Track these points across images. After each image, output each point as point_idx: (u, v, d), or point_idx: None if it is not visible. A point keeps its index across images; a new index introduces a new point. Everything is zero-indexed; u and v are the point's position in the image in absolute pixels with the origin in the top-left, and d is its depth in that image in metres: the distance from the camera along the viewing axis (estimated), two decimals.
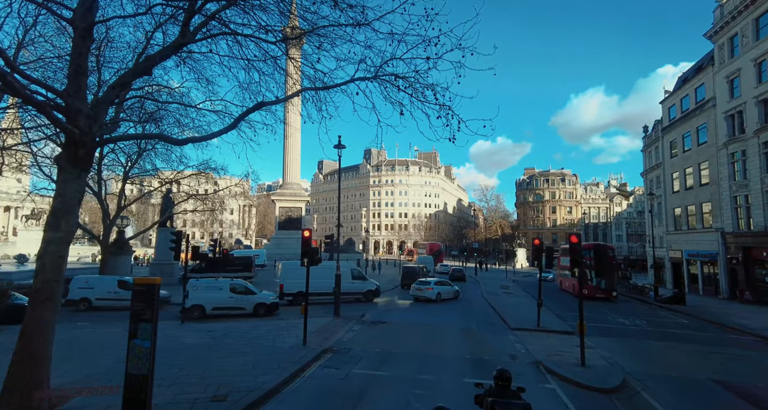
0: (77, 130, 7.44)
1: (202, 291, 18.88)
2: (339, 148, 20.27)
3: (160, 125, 14.50)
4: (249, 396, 8.53)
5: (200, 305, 18.53)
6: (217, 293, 19.13)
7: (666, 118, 40.01)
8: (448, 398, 8.56)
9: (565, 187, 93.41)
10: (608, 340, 16.18)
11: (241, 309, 19.20)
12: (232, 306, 19.15)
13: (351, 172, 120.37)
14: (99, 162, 22.43)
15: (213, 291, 19.14)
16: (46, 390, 7.42)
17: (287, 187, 58.52)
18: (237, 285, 19.93)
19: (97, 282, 20.87)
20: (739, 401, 10.11)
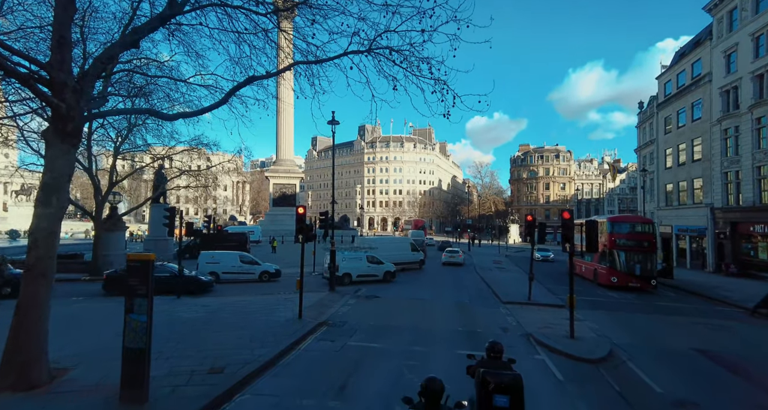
0: (64, 105, 7.27)
1: (348, 261, 23.15)
2: (333, 124, 20.06)
3: (150, 100, 14.19)
4: (246, 368, 8.72)
5: (348, 273, 22.71)
6: (358, 263, 23.51)
7: (661, 93, 39.85)
8: (441, 369, 8.80)
9: (559, 164, 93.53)
10: (597, 313, 16.60)
11: (376, 275, 23.68)
12: (370, 273, 23.58)
13: (345, 149, 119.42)
14: (88, 137, 22.03)
15: (356, 261, 23.51)
16: (44, 362, 7.54)
17: (281, 163, 58.10)
18: (372, 256, 24.48)
19: (221, 257, 23.39)
20: (717, 368, 10.52)
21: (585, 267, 27.04)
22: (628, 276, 22.51)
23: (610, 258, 22.98)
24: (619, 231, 23.22)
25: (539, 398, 7.81)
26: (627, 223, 24.05)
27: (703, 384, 9.33)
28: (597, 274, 24.50)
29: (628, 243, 22.92)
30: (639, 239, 23.08)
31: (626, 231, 23.36)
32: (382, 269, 23.94)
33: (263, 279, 23.08)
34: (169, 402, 6.94)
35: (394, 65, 8.69)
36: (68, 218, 62.73)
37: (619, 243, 22.83)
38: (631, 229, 23.49)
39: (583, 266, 27.47)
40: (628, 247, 22.81)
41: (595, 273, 24.75)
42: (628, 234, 23.24)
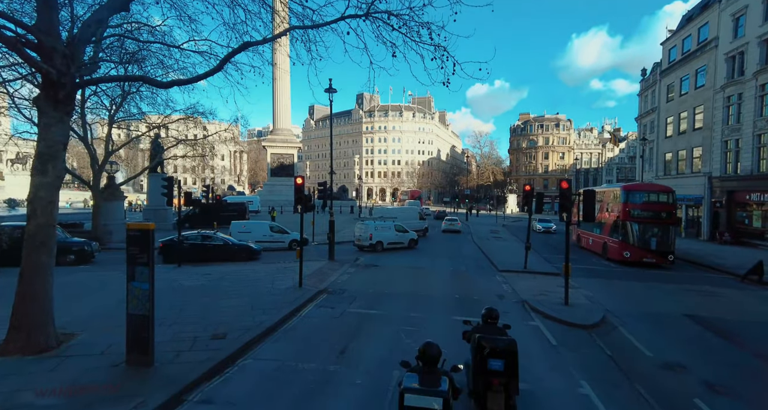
0: (54, 71, 7.09)
1: (380, 230, 24.50)
2: (330, 92, 19.67)
3: (143, 66, 13.82)
4: (247, 334, 8.94)
5: (381, 241, 24.20)
6: (388, 232, 24.95)
7: (666, 60, 39.02)
8: (438, 334, 9.04)
9: (558, 133, 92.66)
10: (592, 281, 16.91)
11: (402, 243, 25.46)
12: (397, 241, 25.13)
13: (343, 118, 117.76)
14: (81, 105, 21.63)
15: (386, 230, 24.92)
16: (51, 327, 7.72)
17: (278, 132, 57.37)
18: (399, 226, 25.96)
19: (252, 226, 24.54)
20: (707, 332, 10.85)
21: (593, 240, 25.34)
22: (642, 250, 20.68)
23: (622, 231, 21.15)
24: (635, 201, 21.14)
25: (533, 362, 8.08)
26: (643, 192, 21.76)
27: (691, 348, 9.65)
28: (607, 248, 22.84)
29: (644, 215, 20.91)
30: (657, 210, 21.11)
31: (642, 201, 21.19)
32: (407, 237, 25.93)
33: (293, 248, 23.65)
34: (174, 366, 7.16)
35: (392, 30, 8.43)
36: (66, 187, 62.55)
37: (634, 215, 20.88)
38: (647, 199, 21.35)
39: (590, 238, 25.90)
40: (644, 219, 20.87)
41: (605, 247, 23.10)
42: (644, 205, 21.10)
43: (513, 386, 5.49)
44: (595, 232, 24.91)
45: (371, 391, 6.78)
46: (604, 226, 23.28)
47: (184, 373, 6.86)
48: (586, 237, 26.59)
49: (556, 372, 7.87)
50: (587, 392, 7.06)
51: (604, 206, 23.52)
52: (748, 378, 8.11)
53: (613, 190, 23.70)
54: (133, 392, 6.15)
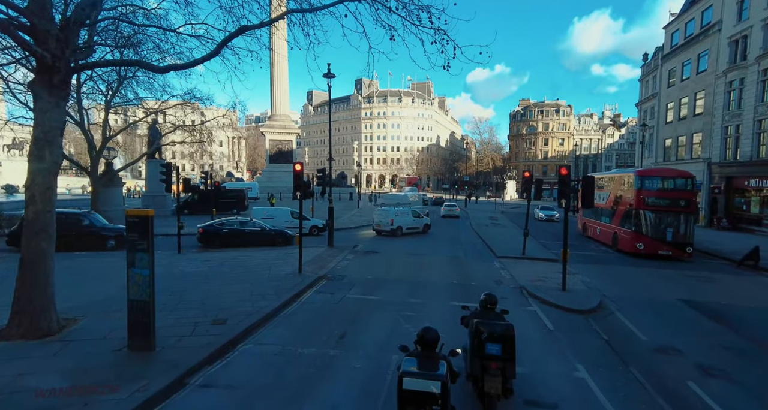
0: (48, 54, 6.99)
1: (399, 216, 25.82)
2: (328, 76, 19.48)
3: (139, 51, 13.62)
4: (248, 319, 9.02)
5: (401, 226, 25.41)
6: (407, 217, 26.19)
7: (668, 44, 38.59)
8: (436, 319, 9.14)
9: (558, 119, 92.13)
10: (590, 267, 17.02)
11: (417, 228, 26.65)
12: (414, 226, 26.40)
13: (342, 104, 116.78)
14: (77, 89, 21.39)
15: (404, 216, 26.21)
16: (53, 313, 7.79)
17: (276, 118, 56.94)
18: (415, 212, 27.71)
19: (275, 212, 25.34)
20: (702, 317, 11.00)
21: (601, 230, 23.64)
22: (657, 242, 18.98)
23: (635, 220, 19.40)
24: (650, 188, 19.46)
25: (530, 346, 8.19)
26: (660, 177, 20.07)
27: (686, 332, 9.78)
28: (617, 239, 21.07)
29: (661, 202, 19.20)
30: (675, 197, 19.20)
31: (658, 188, 19.52)
32: (422, 222, 27.21)
33: (313, 233, 24.26)
34: (176, 350, 7.24)
35: (391, 13, 8.30)
36: (64, 174, 62.27)
37: (649, 202, 19.16)
38: (664, 185, 19.62)
39: (597, 228, 24.17)
40: (660, 207, 19.15)
41: (615, 238, 21.33)
42: (660, 192, 19.39)
43: (510, 370, 5.58)
44: (604, 221, 23.42)
45: (370, 375, 6.88)
46: (615, 215, 21.85)
47: (185, 358, 6.95)
48: (593, 227, 25.04)
49: (553, 357, 7.99)
50: (583, 375, 7.17)
51: (614, 193, 22.31)
52: (741, 361, 8.23)
53: (624, 175, 22.17)
54: (135, 376, 6.23)
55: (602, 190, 23.32)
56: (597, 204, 23.25)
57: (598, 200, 23.14)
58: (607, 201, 22.75)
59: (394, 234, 24.92)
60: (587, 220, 26.34)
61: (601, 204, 23.13)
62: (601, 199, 22.95)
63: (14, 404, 5.40)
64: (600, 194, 22.81)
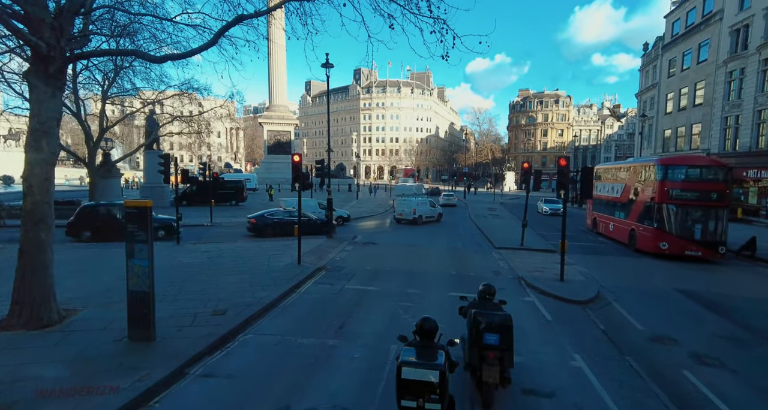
0: (43, 43, 6.92)
1: (420, 206, 27.32)
2: (327, 67, 19.34)
3: (135, 40, 13.48)
4: (248, 310, 9.07)
5: (421, 215, 26.87)
6: (425, 207, 27.72)
7: (669, 33, 38.34)
8: (435, 310, 9.20)
9: (558, 109, 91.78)
10: (588, 257, 17.10)
11: (433, 216, 28.17)
12: (430, 215, 27.84)
13: (340, 94, 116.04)
14: (73, 79, 21.21)
15: (424, 205, 27.76)
16: (53, 303, 7.82)
17: (274, 109, 56.64)
18: (432, 201, 29.57)
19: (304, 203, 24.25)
20: (698, 307, 11.10)
21: (615, 226, 21.44)
22: (684, 241, 16.68)
23: (658, 216, 17.15)
24: (675, 178, 17.24)
25: (528, 336, 8.26)
26: (687, 167, 17.64)
27: (682, 321, 9.87)
28: (635, 237, 18.85)
29: (688, 195, 16.87)
30: (705, 189, 16.83)
31: (685, 178, 17.27)
32: (437, 211, 28.94)
33: (338, 224, 24.54)
34: (176, 340, 7.29)
35: (390, 1, 8.22)
36: (62, 164, 62.00)
37: (675, 195, 16.93)
38: (692, 175, 17.30)
39: (611, 224, 21.90)
40: (688, 201, 16.86)
41: (633, 236, 19.10)
42: (688, 183, 17.09)
43: (508, 359, 5.63)
44: (618, 216, 21.07)
45: (369, 365, 6.94)
46: (632, 209, 19.46)
47: (185, 348, 6.99)
48: (605, 222, 22.73)
49: (550, 346, 8.06)
50: (580, 364, 7.25)
51: (630, 184, 19.99)
52: (736, 350, 8.32)
53: (644, 164, 19.74)
54: (136, 365, 6.28)
55: (616, 182, 21.74)
56: (609, 197, 22.15)
57: (610, 193, 22.21)
58: (621, 193, 20.69)
59: (415, 222, 26.36)
60: (598, 215, 24.07)
61: (614, 197, 21.52)
62: (614, 191, 21.57)
63: (17, 393, 5.44)
64: (613, 186, 21.71)
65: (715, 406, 6.11)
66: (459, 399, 5.40)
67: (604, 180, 23.66)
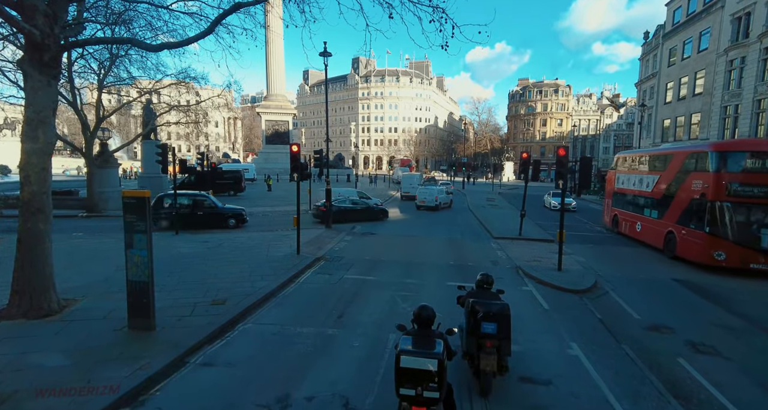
0: (37, 31, 6.82)
1: (439, 193, 30.00)
2: (325, 55, 19.16)
3: (131, 28, 13.31)
4: (247, 299, 9.11)
5: (440, 202, 29.73)
6: (442, 195, 30.42)
7: (669, 22, 38.01)
8: (433, 299, 9.24)
9: (557, 99, 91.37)
10: (586, 247, 17.18)
11: (447, 203, 31.24)
12: (446, 201, 30.95)
13: (339, 83, 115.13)
14: (69, 68, 20.94)
15: (441, 193, 30.32)
16: (53, 293, 7.84)
17: (272, 98, 56.23)
18: (447, 190, 32.37)
19: (345, 193, 27.16)
20: (694, 296, 11.21)
21: (644, 227, 17.91)
22: (749, 250, 13.07)
23: (710, 218, 13.53)
24: (736, 169, 13.49)
25: (525, 325, 8.33)
26: (753, 154, 13.53)
27: (679, 311, 9.96)
28: (674, 242, 15.26)
29: (754, 191, 13.10)
30: None
31: (747, 169, 13.41)
32: (449, 198, 32.55)
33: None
34: (176, 330, 7.33)
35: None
36: (59, 154, 61.72)
37: (734, 191, 13.24)
38: (755, 166, 13.35)
39: (638, 223, 18.39)
40: (753, 198, 13.11)
41: (672, 241, 15.48)
42: (752, 174, 13.29)
43: (505, 348, 5.69)
44: (649, 215, 17.56)
45: (368, 353, 7.00)
46: (670, 208, 15.88)
47: (185, 337, 7.04)
48: (630, 221, 19.28)
49: (548, 335, 8.13)
50: (576, 353, 7.32)
51: (667, 176, 16.47)
52: (731, 338, 8.42)
53: (687, 151, 15.98)
54: (136, 354, 6.32)
55: (645, 173, 18.46)
56: (636, 191, 18.85)
57: (637, 186, 18.83)
58: (654, 187, 17.24)
59: (435, 208, 28.99)
60: (620, 212, 20.51)
61: (643, 191, 18.15)
62: (643, 184, 18.34)
63: (18, 383, 5.48)
64: (642, 178, 18.57)
65: (709, 393, 6.20)
66: (457, 387, 5.47)
67: (629, 170, 20.35)
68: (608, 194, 22.59)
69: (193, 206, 19.16)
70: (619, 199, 20.98)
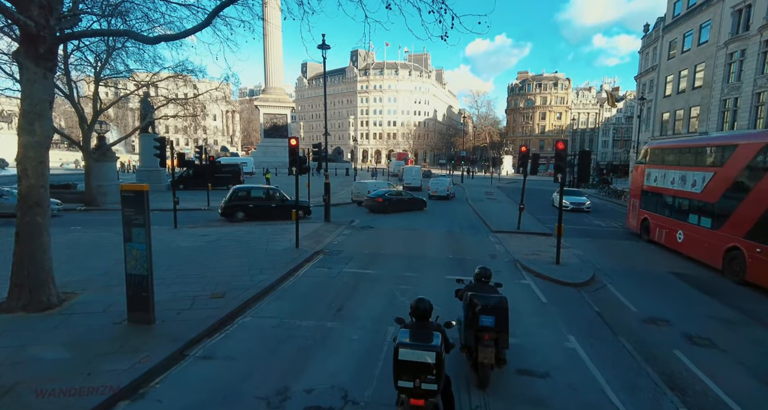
0: (32, 22, 6.76)
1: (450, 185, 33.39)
2: (323, 48, 19.02)
3: (127, 20, 13.20)
4: (246, 293, 9.13)
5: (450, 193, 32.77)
6: (451, 186, 34.14)
7: (670, 14, 37.81)
8: (432, 293, 9.25)
9: (557, 92, 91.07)
10: (584, 241, 17.22)
11: (454, 193, 34.25)
12: (453, 192, 34.23)
13: (337, 76, 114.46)
14: (65, 61, 20.80)
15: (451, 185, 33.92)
16: (52, 286, 7.85)
17: (270, 92, 55.93)
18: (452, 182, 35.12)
19: (380, 185, 29.18)
20: (691, 289, 11.30)
21: (688, 237, 14.40)
22: None
23: None
24: None
25: (523, 318, 8.38)
26: None
27: (675, 303, 10.01)
28: (743, 263, 11.69)
29: None
30: None
31: None
32: (454, 189, 35.28)
33: None
34: (175, 323, 7.35)
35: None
36: (56, 148, 61.44)
37: None
38: None
39: (679, 232, 14.84)
40: None
41: (737, 261, 11.98)
42: None
43: (503, 340, 5.73)
44: (697, 223, 14.01)
45: (367, 346, 7.04)
46: (733, 216, 12.41)
47: (185, 330, 7.06)
48: (668, 228, 15.73)
49: (545, 328, 8.18)
50: (574, 345, 7.37)
51: (726, 174, 12.94)
52: (727, 330, 8.48)
53: (761, 142, 11.89)
54: (136, 348, 6.34)
55: (691, 168, 14.72)
56: (678, 191, 15.09)
57: (680, 185, 15.04)
58: (705, 188, 13.71)
59: (447, 198, 32.00)
60: (652, 215, 17.05)
61: (689, 192, 14.46)
62: (686, 182, 14.66)
63: (18, 375, 5.50)
64: (686, 175, 14.74)
65: (705, 384, 6.26)
66: (455, 380, 5.50)
67: (666, 165, 16.53)
68: (634, 193, 19.17)
69: (267, 199, 20.44)
70: (650, 199, 17.33)
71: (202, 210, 23.20)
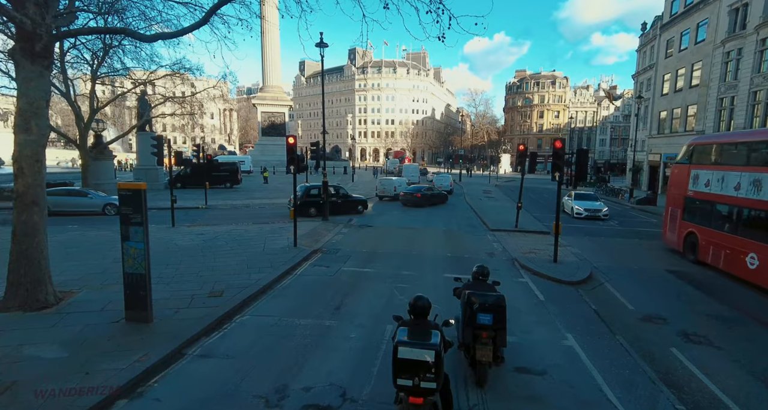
0: (28, 20, 6.72)
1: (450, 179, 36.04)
2: (321, 46, 18.98)
3: (124, 18, 13.16)
4: (244, 291, 9.13)
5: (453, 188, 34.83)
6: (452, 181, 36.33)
7: (667, 13, 37.89)
8: (430, 291, 9.25)
9: (554, 91, 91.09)
10: (582, 239, 17.26)
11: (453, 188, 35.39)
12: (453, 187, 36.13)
13: (335, 74, 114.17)
14: (61, 59, 20.69)
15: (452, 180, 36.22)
16: (49, 285, 7.83)
17: (268, 90, 55.80)
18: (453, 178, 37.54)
19: (399, 182, 31.01)
20: (688, 287, 11.33)
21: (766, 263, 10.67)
22: None
23: None
24: None
25: (521, 316, 8.40)
26: None
27: (672, 301, 10.06)
28: None
29: None
30: None
31: None
32: (453, 186, 36.56)
33: None
34: (174, 322, 7.35)
35: None
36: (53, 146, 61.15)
37: None
38: None
39: (750, 255, 11.19)
40: None
41: None
42: None
43: (501, 339, 5.75)
44: (752, 237, 11.20)
45: (366, 344, 7.05)
46: None
47: (183, 329, 7.06)
48: (729, 249, 12.07)
49: (543, 326, 8.20)
50: (571, 343, 7.40)
51: None
52: (723, 328, 8.53)
53: None
54: (134, 346, 6.34)
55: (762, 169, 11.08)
56: (743, 200, 11.55)
57: (746, 193, 11.43)
58: None
59: (450, 192, 33.44)
60: (702, 230, 13.40)
61: (762, 201, 10.89)
62: (760, 190, 10.95)
63: (15, 374, 5.49)
64: (756, 179, 11.15)
65: (700, 381, 6.30)
66: (453, 378, 5.53)
67: (722, 165, 12.85)
68: (673, 200, 15.35)
69: (333, 195, 21.79)
70: (698, 209, 13.81)
71: (199, 208, 23.16)
